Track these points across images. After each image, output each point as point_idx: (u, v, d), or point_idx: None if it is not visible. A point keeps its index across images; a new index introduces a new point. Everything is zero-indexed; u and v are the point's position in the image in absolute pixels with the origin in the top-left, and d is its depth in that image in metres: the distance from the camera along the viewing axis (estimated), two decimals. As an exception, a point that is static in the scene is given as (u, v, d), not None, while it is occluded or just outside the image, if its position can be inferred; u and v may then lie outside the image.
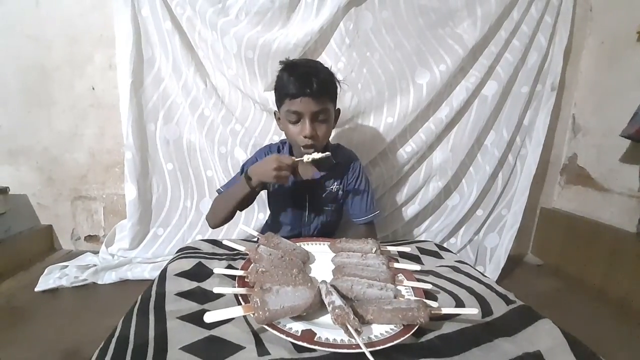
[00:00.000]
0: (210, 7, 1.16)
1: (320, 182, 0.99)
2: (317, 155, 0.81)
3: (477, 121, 1.30)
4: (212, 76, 1.27)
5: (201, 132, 1.28)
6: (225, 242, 0.72)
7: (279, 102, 0.91)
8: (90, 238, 1.50)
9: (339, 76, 0.93)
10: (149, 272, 1.24)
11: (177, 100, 1.28)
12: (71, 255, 1.37)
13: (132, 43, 1.19)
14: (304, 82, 0.82)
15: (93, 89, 1.36)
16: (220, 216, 0.95)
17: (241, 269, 0.61)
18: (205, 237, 1.26)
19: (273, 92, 0.94)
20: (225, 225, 1.02)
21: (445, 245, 1.30)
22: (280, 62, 0.90)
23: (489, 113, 1.30)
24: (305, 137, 0.85)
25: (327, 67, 0.91)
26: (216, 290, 0.52)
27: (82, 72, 1.34)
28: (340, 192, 1.02)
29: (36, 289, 1.13)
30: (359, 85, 1.24)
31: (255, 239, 0.79)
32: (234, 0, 1.17)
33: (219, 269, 0.61)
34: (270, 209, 1.13)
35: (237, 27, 1.17)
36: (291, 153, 0.98)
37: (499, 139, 1.33)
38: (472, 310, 0.47)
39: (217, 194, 1.04)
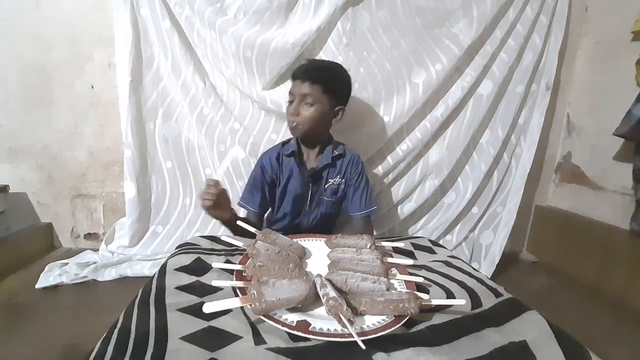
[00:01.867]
0: (208, 6, 1.17)
1: (323, 173, 1.04)
2: None
3: (473, 120, 1.32)
4: (210, 75, 1.28)
5: (200, 131, 1.29)
6: (223, 239, 0.74)
7: None
8: (89, 236, 1.51)
9: None
10: (149, 269, 1.25)
11: (176, 98, 1.29)
12: (71, 253, 1.37)
13: (131, 42, 1.20)
14: (302, 67, 0.96)
15: (92, 87, 1.37)
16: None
17: (239, 264, 0.62)
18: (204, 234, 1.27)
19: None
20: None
21: (441, 242, 1.32)
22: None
23: (484, 112, 1.31)
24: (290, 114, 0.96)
25: (340, 71, 1.01)
26: (214, 283, 0.54)
27: (82, 71, 1.35)
28: (342, 186, 1.06)
29: (37, 286, 1.14)
30: (356, 85, 1.25)
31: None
32: (233, 0, 1.18)
33: (217, 263, 0.62)
34: None
35: (236, 26, 1.18)
36: (294, 151, 1.02)
37: (494, 138, 1.35)
38: (460, 301, 0.49)
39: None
